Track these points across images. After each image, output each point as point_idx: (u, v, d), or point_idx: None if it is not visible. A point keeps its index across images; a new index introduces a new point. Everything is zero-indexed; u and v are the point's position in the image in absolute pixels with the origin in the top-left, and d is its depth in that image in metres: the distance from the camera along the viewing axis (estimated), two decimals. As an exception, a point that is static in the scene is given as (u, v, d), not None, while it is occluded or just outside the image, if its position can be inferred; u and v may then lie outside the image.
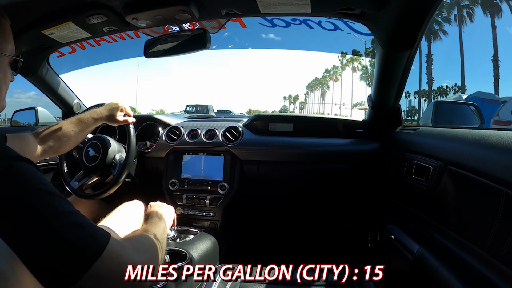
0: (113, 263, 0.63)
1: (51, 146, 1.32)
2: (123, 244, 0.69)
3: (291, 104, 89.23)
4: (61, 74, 2.15)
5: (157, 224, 1.03)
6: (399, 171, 1.60)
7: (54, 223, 0.58)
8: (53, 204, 0.60)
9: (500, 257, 0.88)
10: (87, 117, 1.44)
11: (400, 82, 1.63)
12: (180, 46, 1.50)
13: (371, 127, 1.99)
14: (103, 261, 0.60)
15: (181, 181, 1.97)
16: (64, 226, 0.59)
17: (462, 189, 1.13)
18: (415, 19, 1.27)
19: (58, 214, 0.60)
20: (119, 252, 0.65)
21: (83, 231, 0.61)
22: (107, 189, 1.65)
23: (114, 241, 0.65)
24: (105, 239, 0.63)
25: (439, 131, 1.40)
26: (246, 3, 1.32)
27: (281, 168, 2.01)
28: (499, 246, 0.88)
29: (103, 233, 0.64)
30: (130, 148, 1.67)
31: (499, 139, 0.95)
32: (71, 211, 0.62)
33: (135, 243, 0.78)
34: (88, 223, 0.63)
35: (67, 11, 1.39)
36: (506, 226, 0.86)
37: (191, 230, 1.79)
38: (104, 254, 0.61)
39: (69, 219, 0.60)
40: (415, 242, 1.35)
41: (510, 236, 0.84)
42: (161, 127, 2.15)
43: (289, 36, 62.93)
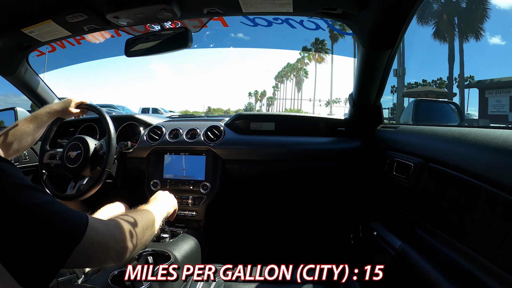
0: (96, 240, 0.69)
1: (12, 147, 1.36)
2: (106, 222, 0.75)
3: (258, 102, 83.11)
4: (40, 74, 2.11)
5: (151, 206, 1.06)
6: (380, 169, 1.62)
7: (39, 213, 0.62)
8: (35, 196, 0.64)
9: (482, 251, 0.90)
10: (41, 113, 1.51)
11: (381, 81, 1.65)
12: (161, 45, 1.49)
13: (353, 126, 2.00)
14: (87, 240, 0.66)
15: (163, 181, 1.96)
16: (48, 214, 0.63)
17: (442, 185, 1.15)
18: (396, 19, 1.29)
19: (40, 204, 0.63)
20: (102, 230, 0.71)
21: (64, 216, 0.66)
22: (87, 190, 1.63)
23: (96, 221, 0.71)
24: (85, 221, 0.68)
25: (419, 129, 1.43)
26: (228, 2, 1.32)
27: (263, 167, 2.01)
28: (480, 240, 0.90)
29: (82, 216, 0.70)
30: (111, 147, 1.65)
31: (478, 137, 0.98)
32: (51, 200, 0.66)
33: (120, 220, 0.81)
34: (67, 209, 0.68)
35: (47, 9, 1.37)
36: (486, 221, 0.88)
37: (174, 231, 1.77)
38: (87, 233, 0.66)
39: (51, 208, 0.64)
40: (398, 238, 1.37)
41: (490, 230, 0.86)
42: (142, 127, 2.13)
43: (258, 35, 61.47)
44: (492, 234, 0.86)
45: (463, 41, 22.36)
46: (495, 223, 0.85)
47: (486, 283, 0.88)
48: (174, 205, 1.31)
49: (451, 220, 1.10)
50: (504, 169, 0.84)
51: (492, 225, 0.86)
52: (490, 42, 30.35)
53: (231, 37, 69.55)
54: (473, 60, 25.23)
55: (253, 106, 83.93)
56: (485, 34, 23.13)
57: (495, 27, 27.87)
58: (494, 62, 29.45)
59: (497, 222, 0.84)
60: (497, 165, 0.87)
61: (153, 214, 1.00)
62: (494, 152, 0.89)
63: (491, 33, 28.10)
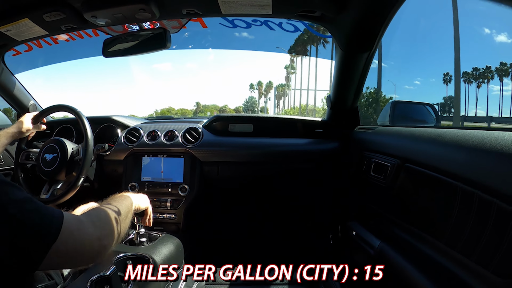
0: (73, 238, 0.67)
1: None
2: (81, 219, 0.73)
3: (262, 96, 67.91)
4: (16, 74, 2.07)
5: (121, 200, 1.04)
6: (358, 169, 1.64)
7: (12, 211, 0.60)
8: (8, 192, 0.62)
9: (459, 248, 0.92)
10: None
11: (359, 83, 1.68)
12: (139, 46, 1.47)
13: (330, 127, 2.03)
14: (62, 239, 0.64)
15: (141, 184, 1.93)
16: (21, 212, 0.61)
17: (419, 185, 1.17)
18: (373, 22, 1.32)
19: (14, 201, 0.61)
20: (77, 227, 0.69)
21: (39, 214, 0.64)
22: (61, 195, 1.60)
23: (71, 217, 0.70)
24: (60, 219, 0.67)
25: (396, 130, 1.45)
26: (207, 3, 1.32)
27: (241, 169, 2.01)
28: (457, 238, 0.92)
29: (58, 214, 0.68)
30: (88, 150, 1.63)
31: (454, 137, 1.00)
32: (25, 197, 0.64)
33: (94, 217, 0.80)
34: (42, 206, 0.66)
35: (24, 7, 1.35)
36: (462, 219, 0.91)
37: (153, 234, 1.75)
38: (63, 231, 0.65)
39: (24, 206, 0.62)
40: (376, 238, 1.39)
41: (467, 228, 0.88)
42: (119, 129, 2.10)
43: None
44: (469, 232, 0.88)
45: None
46: (471, 221, 0.87)
47: (464, 279, 0.90)
48: (146, 202, 1.31)
49: (428, 219, 1.12)
50: (479, 169, 0.86)
51: (468, 223, 0.88)
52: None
53: (209, 38, 67.75)
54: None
55: (255, 101, 70.62)
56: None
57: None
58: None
59: (473, 220, 0.86)
60: (473, 165, 0.89)
61: (125, 205, 1.01)
62: (469, 152, 0.91)
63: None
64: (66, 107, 1.73)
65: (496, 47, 36.18)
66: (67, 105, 1.73)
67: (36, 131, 1.84)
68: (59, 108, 1.77)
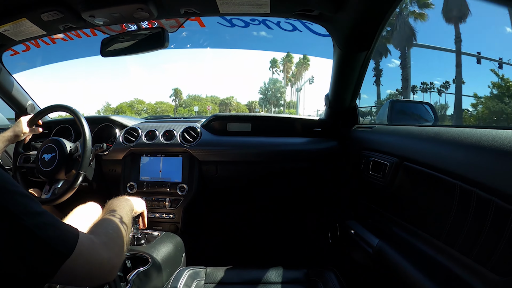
0: (84, 258, 0.65)
1: None
2: (93, 240, 0.71)
3: (289, 84, 46.04)
4: (15, 74, 2.06)
5: (124, 206, 1.03)
6: (357, 168, 1.64)
7: (28, 223, 0.59)
8: (26, 204, 0.61)
9: (457, 246, 0.92)
10: None
11: (357, 82, 1.68)
12: (137, 45, 1.47)
13: (329, 126, 2.03)
14: (75, 257, 0.63)
15: (139, 183, 1.93)
16: (37, 225, 0.60)
17: (417, 183, 1.17)
18: (372, 21, 1.31)
19: (31, 214, 0.60)
20: (89, 248, 0.68)
21: (55, 229, 0.63)
22: (62, 194, 1.60)
23: (84, 237, 0.68)
24: (76, 236, 0.66)
25: (394, 128, 1.45)
26: (205, 2, 1.32)
27: (240, 168, 2.00)
28: (456, 236, 0.93)
29: (73, 231, 0.67)
30: (86, 150, 1.63)
31: (452, 136, 1.00)
32: (42, 211, 0.63)
33: (104, 237, 0.78)
34: (58, 222, 0.65)
35: (22, 7, 1.34)
36: (461, 217, 0.91)
37: (152, 233, 1.75)
38: (76, 250, 0.63)
39: (41, 219, 0.61)
40: (375, 236, 1.39)
41: (465, 227, 0.89)
42: (118, 129, 2.10)
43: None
44: (467, 230, 0.88)
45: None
46: (470, 219, 0.87)
47: (462, 278, 0.90)
48: (142, 206, 1.32)
49: (427, 218, 1.12)
50: (477, 167, 0.86)
51: (467, 222, 0.88)
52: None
53: (207, 37, 64.95)
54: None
55: (281, 86, 48.62)
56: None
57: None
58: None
59: (472, 218, 0.87)
60: (471, 163, 0.89)
61: (127, 211, 1.00)
62: (468, 151, 0.91)
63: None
64: (62, 106, 1.73)
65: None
66: (63, 104, 1.72)
67: (26, 139, 1.85)
68: (56, 108, 1.77)
